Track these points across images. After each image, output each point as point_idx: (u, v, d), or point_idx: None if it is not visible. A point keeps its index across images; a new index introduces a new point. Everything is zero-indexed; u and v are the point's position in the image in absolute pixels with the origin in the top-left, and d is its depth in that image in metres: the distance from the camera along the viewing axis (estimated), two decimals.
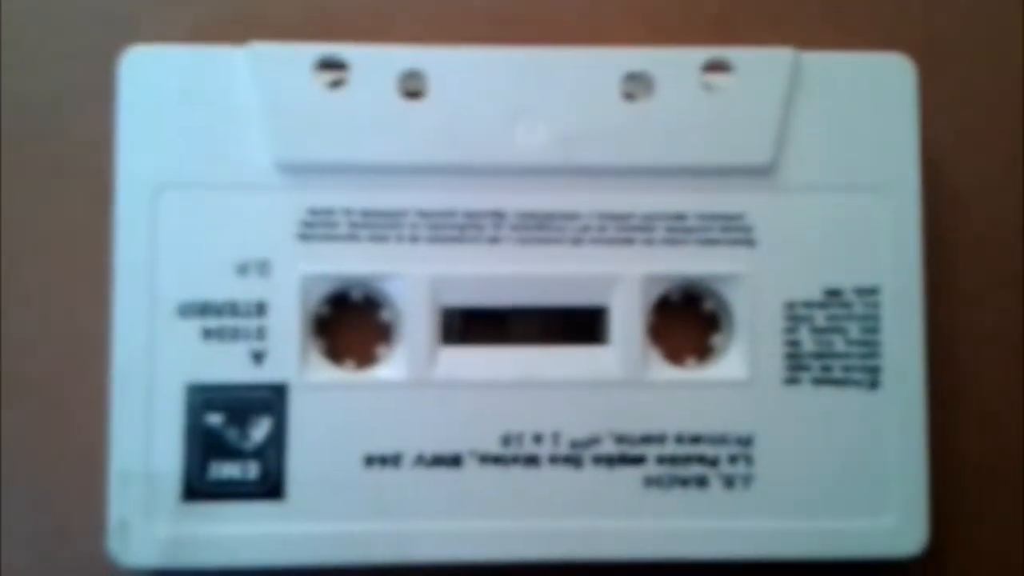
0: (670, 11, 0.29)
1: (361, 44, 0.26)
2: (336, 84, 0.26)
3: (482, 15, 0.29)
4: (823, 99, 0.27)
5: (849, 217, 0.27)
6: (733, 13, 0.29)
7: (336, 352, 0.27)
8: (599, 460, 0.26)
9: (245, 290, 0.26)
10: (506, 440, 0.26)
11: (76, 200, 0.28)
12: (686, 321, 0.28)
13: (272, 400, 0.26)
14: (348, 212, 0.26)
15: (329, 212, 0.26)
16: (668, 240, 0.27)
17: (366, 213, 0.26)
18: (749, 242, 0.27)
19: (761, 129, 0.27)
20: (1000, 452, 0.29)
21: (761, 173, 0.27)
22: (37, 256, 0.28)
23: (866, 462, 0.26)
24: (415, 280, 0.26)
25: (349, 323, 0.27)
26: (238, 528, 0.26)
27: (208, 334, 0.26)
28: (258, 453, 0.26)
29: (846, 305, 0.27)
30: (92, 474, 0.26)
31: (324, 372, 0.26)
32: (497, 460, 0.26)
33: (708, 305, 0.28)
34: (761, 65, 0.27)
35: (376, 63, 0.26)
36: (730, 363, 0.27)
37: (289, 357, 0.26)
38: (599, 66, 0.27)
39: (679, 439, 0.26)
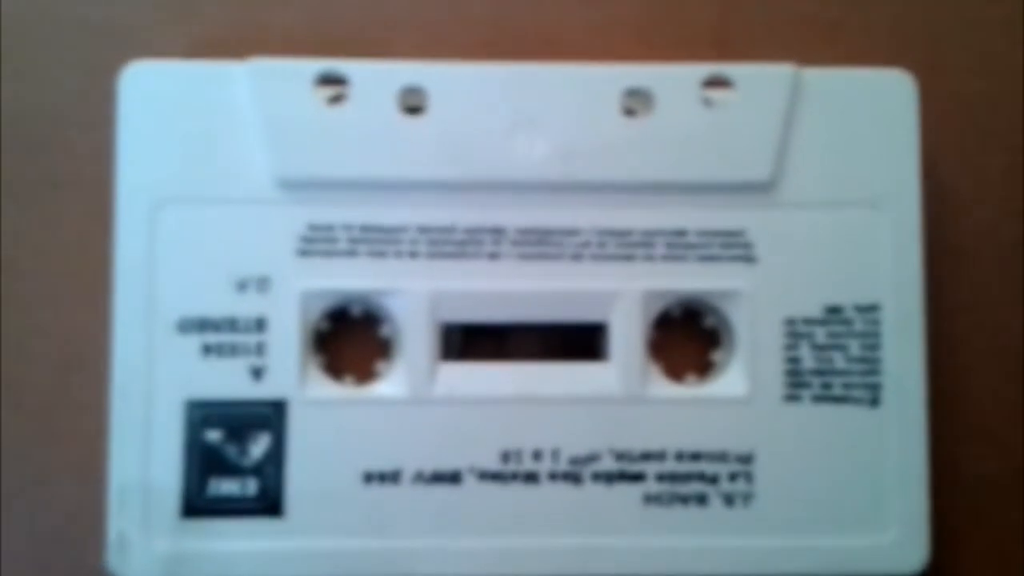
0: (670, 27, 0.29)
1: (361, 60, 0.26)
2: (336, 100, 0.26)
3: (482, 31, 0.29)
4: (823, 115, 0.27)
5: (849, 233, 0.27)
6: (733, 29, 0.29)
7: (335, 368, 0.27)
8: (598, 477, 0.26)
9: (244, 306, 0.26)
10: (505, 457, 0.26)
11: (76, 215, 0.28)
12: (686, 337, 0.28)
13: (271, 416, 0.26)
14: (348, 228, 0.26)
15: (329, 228, 0.26)
16: (668, 256, 0.27)
17: (366, 229, 0.26)
18: (749, 258, 0.27)
19: (761, 145, 0.27)
20: (1001, 469, 0.29)
21: (761, 189, 0.27)
22: (37, 270, 0.28)
23: (867, 479, 0.26)
24: (415, 296, 0.26)
25: (348, 339, 0.27)
26: (237, 544, 0.26)
27: (207, 350, 0.26)
28: (257, 469, 0.26)
29: (846, 322, 0.27)
30: (91, 489, 0.26)
31: (323, 388, 0.26)
32: (496, 477, 0.26)
33: (708, 321, 0.27)
34: (761, 81, 0.27)
35: (376, 79, 0.26)
36: (730, 380, 0.27)
37: (288, 373, 0.26)
38: (599, 82, 0.26)
39: (679, 456, 0.26)
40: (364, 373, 0.27)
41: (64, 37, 0.29)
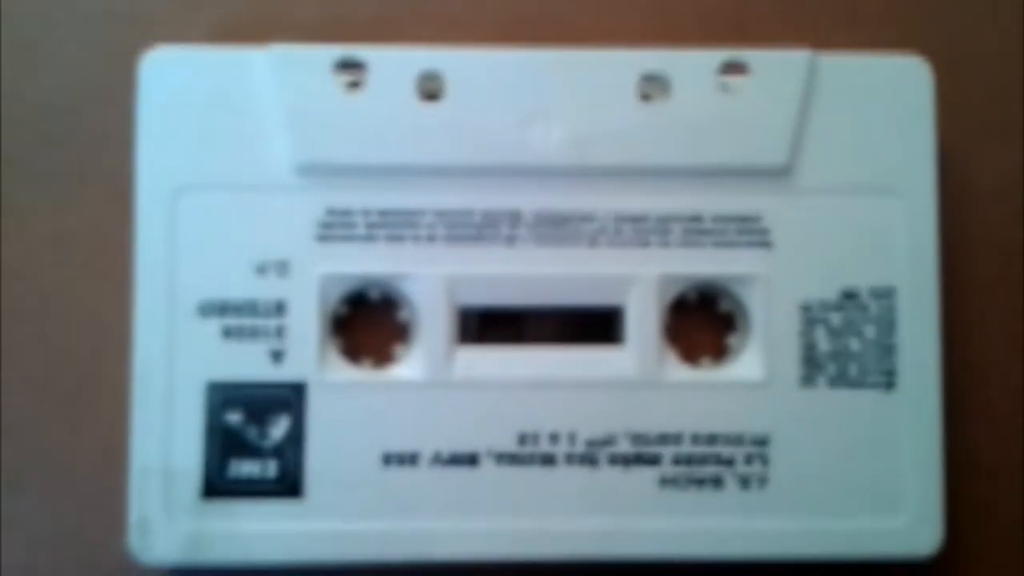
0: (686, 12, 0.29)
1: (379, 46, 0.26)
2: (354, 85, 0.26)
3: (499, 16, 0.29)
4: (839, 101, 0.27)
5: (865, 219, 0.27)
6: (750, 14, 0.29)
7: (354, 351, 0.27)
8: (615, 460, 0.26)
9: (264, 290, 0.26)
10: (522, 439, 0.26)
11: (97, 201, 0.28)
12: (702, 322, 0.28)
13: (291, 399, 0.26)
14: (366, 212, 0.27)
15: (347, 212, 0.26)
16: (684, 241, 0.27)
17: (384, 213, 0.27)
18: (765, 243, 0.27)
19: (777, 130, 0.27)
20: (1015, 453, 0.29)
21: (777, 174, 0.27)
22: (59, 256, 0.28)
23: (881, 463, 0.26)
24: (432, 280, 0.27)
25: (367, 323, 0.27)
26: (257, 526, 0.26)
27: (228, 333, 0.26)
28: (277, 451, 0.26)
29: (862, 306, 0.27)
30: (113, 472, 0.27)
31: (342, 371, 0.27)
32: (513, 459, 0.26)
33: (724, 306, 0.28)
34: (777, 66, 0.27)
35: (394, 64, 0.26)
36: (746, 364, 0.27)
37: (308, 356, 0.26)
38: (615, 67, 0.27)
39: (695, 439, 0.27)
40: (382, 356, 0.27)
41: (84, 23, 0.29)
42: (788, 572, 0.27)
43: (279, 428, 0.26)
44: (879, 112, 0.27)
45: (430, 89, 0.26)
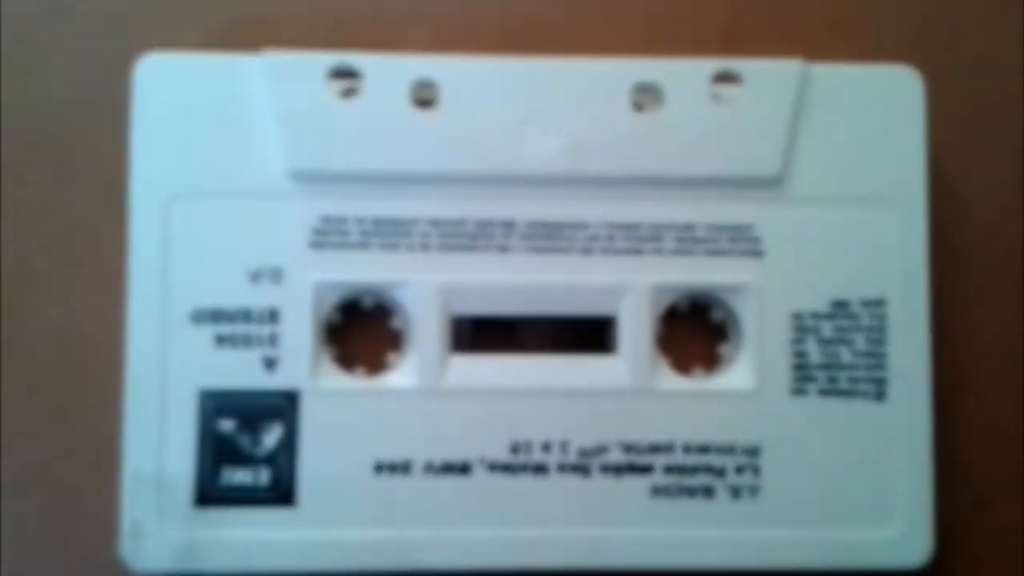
0: (679, 22, 0.29)
1: (374, 53, 0.26)
2: (349, 93, 0.26)
3: (493, 25, 0.29)
4: (831, 111, 0.27)
5: (856, 229, 0.27)
6: (742, 24, 0.30)
7: (347, 359, 0.27)
8: (607, 469, 0.26)
9: (258, 297, 0.26)
10: (515, 448, 0.26)
11: (91, 207, 0.28)
12: (694, 331, 0.28)
13: (284, 407, 0.26)
14: (360, 220, 0.27)
15: (341, 220, 0.26)
16: (677, 250, 0.27)
17: (377, 221, 0.27)
18: (757, 253, 0.27)
19: (769, 140, 0.27)
20: (1006, 463, 0.29)
21: (769, 184, 0.27)
22: (52, 262, 0.28)
23: (872, 473, 0.27)
24: (426, 288, 0.27)
25: (360, 331, 0.27)
26: (249, 534, 0.26)
27: (221, 341, 0.26)
28: (269, 459, 0.26)
29: (853, 317, 0.27)
30: (105, 479, 0.27)
31: (335, 379, 0.27)
32: (506, 468, 0.26)
33: (716, 315, 0.28)
34: (770, 77, 0.27)
35: (388, 72, 0.26)
36: (737, 373, 0.27)
37: (301, 364, 0.26)
38: (609, 77, 0.27)
39: (686, 449, 0.27)
40: (375, 364, 0.27)
41: (78, 29, 0.29)
42: None
43: (272, 436, 0.26)
44: (870, 122, 0.27)
45: (424, 97, 0.26)
